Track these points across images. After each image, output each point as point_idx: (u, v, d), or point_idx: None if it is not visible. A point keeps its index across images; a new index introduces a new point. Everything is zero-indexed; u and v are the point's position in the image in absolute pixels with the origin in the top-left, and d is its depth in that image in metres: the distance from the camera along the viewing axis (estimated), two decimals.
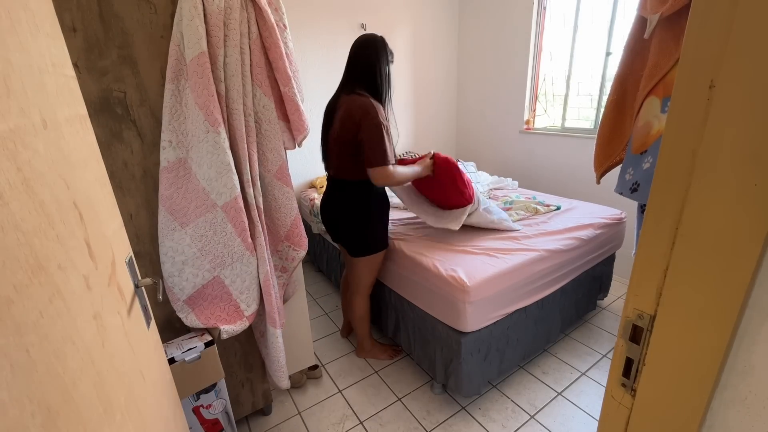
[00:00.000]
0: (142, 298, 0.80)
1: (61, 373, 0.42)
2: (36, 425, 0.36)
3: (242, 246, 1.22)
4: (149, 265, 1.22)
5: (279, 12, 1.21)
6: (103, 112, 1.05)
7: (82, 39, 0.99)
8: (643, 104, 1.13)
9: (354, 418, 1.66)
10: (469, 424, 1.61)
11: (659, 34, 1.07)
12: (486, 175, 3.02)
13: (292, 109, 1.27)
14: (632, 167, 1.19)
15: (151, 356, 0.79)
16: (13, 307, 0.36)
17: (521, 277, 1.63)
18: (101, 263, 0.60)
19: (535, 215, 2.19)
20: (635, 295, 0.51)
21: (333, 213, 1.74)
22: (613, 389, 0.57)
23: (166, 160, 1.12)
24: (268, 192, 1.33)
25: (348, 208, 1.66)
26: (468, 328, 1.51)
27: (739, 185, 0.39)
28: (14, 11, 0.45)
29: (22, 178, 0.41)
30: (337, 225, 1.75)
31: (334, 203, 1.72)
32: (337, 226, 1.75)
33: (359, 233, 1.68)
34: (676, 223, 0.45)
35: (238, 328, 1.26)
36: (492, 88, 3.40)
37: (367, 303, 1.88)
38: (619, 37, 2.48)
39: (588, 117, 2.84)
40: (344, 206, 1.67)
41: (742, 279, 0.40)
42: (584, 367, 1.90)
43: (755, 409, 0.43)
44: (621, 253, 2.40)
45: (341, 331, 2.24)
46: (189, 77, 1.06)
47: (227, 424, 1.36)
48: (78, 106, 0.65)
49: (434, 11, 3.38)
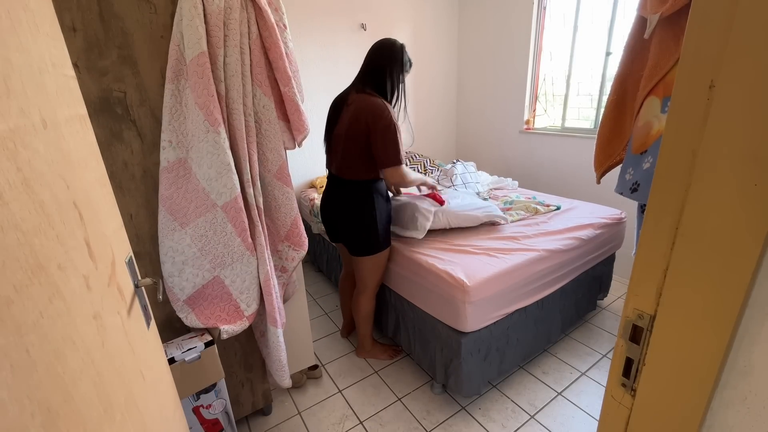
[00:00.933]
0: (142, 298, 0.80)
1: (61, 373, 0.42)
2: (36, 425, 0.36)
3: (242, 246, 1.22)
4: (149, 265, 1.22)
5: (279, 12, 1.21)
6: (103, 112, 1.05)
7: (82, 39, 0.99)
8: (643, 104, 1.13)
9: (354, 418, 1.66)
10: (469, 424, 1.61)
11: (659, 34, 1.07)
12: (486, 175, 3.02)
13: (292, 109, 1.27)
14: (632, 167, 1.19)
15: (151, 356, 0.79)
16: (13, 307, 0.36)
17: (521, 277, 1.63)
18: (101, 263, 0.60)
19: (535, 215, 2.19)
20: (635, 295, 0.51)
21: (333, 212, 1.73)
22: (613, 389, 0.57)
23: (166, 160, 1.12)
24: (268, 192, 1.33)
25: (349, 207, 1.65)
26: (468, 328, 1.51)
27: (739, 185, 0.39)
28: (14, 11, 0.45)
29: (22, 178, 0.41)
30: (336, 224, 1.74)
31: (335, 201, 1.71)
32: (337, 225, 1.74)
33: (361, 232, 1.66)
34: (676, 223, 0.45)
35: (238, 328, 1.26)
36: (492, 88, 3.40)
37: (373, 303, 1.87)
38: (619, 37, 2.48)
39: (588, 117, 2.84)
40: (345, 205, 1.66)
41: (742, 279, 0.40)
42: (584, 367, 1.90)
43: (755, 409, 0.43)
44: (621, 253, 2.40)
45: (341, 331, 2.24)
46: (189, 77, 1.06)
47: (227, 424, 1.36)
48: (78, 106, 0.65)
49: (434, 11, 3.38)
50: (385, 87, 1.57)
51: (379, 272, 1.79)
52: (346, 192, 1.66)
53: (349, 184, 1.64)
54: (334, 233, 1.80)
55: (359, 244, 1.69)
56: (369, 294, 1.83)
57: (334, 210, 1.73)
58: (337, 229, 1.76)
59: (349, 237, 1.70)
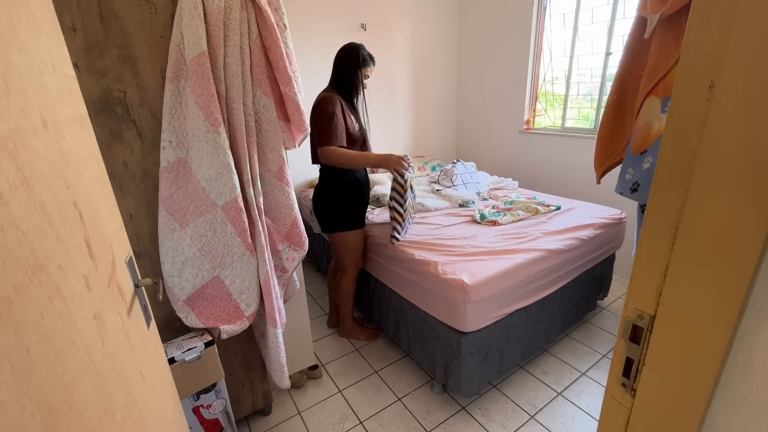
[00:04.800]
0: (142, 298, 0.80)
1: (61, 373, 0.42)
2: (36, 425, 0.36)
3: (242, 246, 1.22)
4: (149, 265, 1.22)
5: (279, 12, 1.21)
6: (103, 112, 1.05)
7: (82, 39, 0.99)
8: (643, 104, 1.13)
9: (354, 418, 1.66)
10: (469, 424, 1.61)
11: (659, 34, 1.07)
12: (486, 175, 3.02)
13: (292, 109, 1.27)
14: (632, 167, 1.19)
15: (151, 356, 0.79)
16: (13, 307, 0.36)
17: (521, 277, 1.63)
18: (101, 263, 0.60)
19: (535, 215, 2.19)
20: (635, 295, 0.51)
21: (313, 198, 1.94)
22: (613, 389, 0.57)
23: (166, 160, 1.12)
24: (268, 192, 1.33)
25: (318, 188, 1.90)
26: (468, 328, 1.51)
27: (739, 185, 0.39)
28: (14, 11, 0.45)
29: (22, 178, 0.41)
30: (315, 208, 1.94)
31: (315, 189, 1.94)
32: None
33: (325, 209, 1.87)
34: (676, 223, 0.45)
35: (238, 328, 1.26)
36: (492, 88, 3.40)
37: (352, 284, 2.03)
38: (619, 37, 2.48)
39: (588, 117, 2.84)
40: (317, 187, 1.92)
41: (742, 279, 0.40)
42: (584, 367, 1.90)
43: (755, 409, 0.43)
44: (621, 253, 2.40)
45: (328, 321, 2.31)
46: (189, 77, 1.06)
47: (227, 424, 1.36)
48: (78, 106, 0.65)
49: (434, 11, 3.38)
50: (346, 85, 1.79)
51: (352, 254, 1.94)
52: (319, 177, 1.92)
53: (320, 170, 1.89)
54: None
55: (323, 220, 1.90)
56: (348, 276, 1.99)
57: (314, 196, 1.94)
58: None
59: (316, 214, 1.92)
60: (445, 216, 2.28)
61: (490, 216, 2.16)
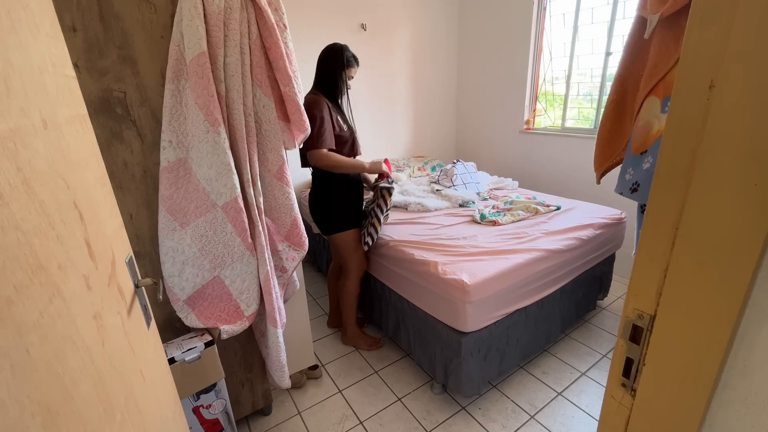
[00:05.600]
0: (142, 298, 0.80)
1: (61, 373, 0.42)
2: (36, 425, 0.36)
3: (242, 246, 1.22)
4: (149, 265, 1.22)
5: (279, 12, 1.21)
6: (103, 112, 1.05)
7: (82, 39, 0.99)
8: (643, 104, 1.13)
9: (354, 418, 1.66)
10: (469, 424, 1.61)
11: (659, 34, 1.07)
12: (486, 175, 3.02)
13: (293, 109, 1.27)
14: (632, 167, 1.19)
15: (151, 356, 0.79)
16: (13, 307, 0.36)
17: (521, 277, 1.63)
18: (101, 263, 0.60)
19: (535, 215, 2.19)
20: (635, 295, 0.51)
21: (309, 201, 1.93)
22: (613, 389, 0.57)
23: (166, 160, 1.12)
24: (268, 192, 1.33)
25: (313, 191, 1.89)
26: (468, 328, 1.51)
27: (739, 185, 0.39)
28: (14, 11, 0.45)
29: (22, 178, 0.41)
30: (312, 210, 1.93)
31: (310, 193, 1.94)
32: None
33: (322, 211, 1.87)
34: (676, 223, 0.45)
35: (238, 328, 1.26)
36: (492, 88, 3.40)
37: (357, 287, 1.98)
38: (619, 37, 2.48)
39: (588, 117, 2.84)
40: (312, 190, 1.91)
41: (742, 279, 0.40)
42: (584, 367, 1.90)
43: (755, 409, 0.43)
44: (621, 253, 2.40)
45: (329, 321, 2.31)
46: (189, 77, 1.06)
47: (227, 424, 1.36)
48: (78, 106, 0.65)
49: (434, 11, 3.38)
50: (330, 86, 1.77)
51: (354, 254, 1.92)
52: (312, 180, 1.90)
53: (312, 174, 1.88)
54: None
55: (322, 223, 1.89)
56: (351, 278, 1.96)
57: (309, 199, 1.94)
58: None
59: (314, 217, 1.91)
60: (445, 216, 2.28)
61: (490, 216, 2.16)
